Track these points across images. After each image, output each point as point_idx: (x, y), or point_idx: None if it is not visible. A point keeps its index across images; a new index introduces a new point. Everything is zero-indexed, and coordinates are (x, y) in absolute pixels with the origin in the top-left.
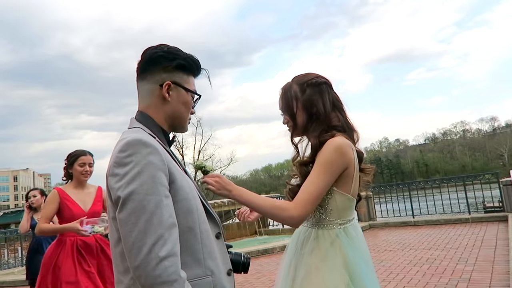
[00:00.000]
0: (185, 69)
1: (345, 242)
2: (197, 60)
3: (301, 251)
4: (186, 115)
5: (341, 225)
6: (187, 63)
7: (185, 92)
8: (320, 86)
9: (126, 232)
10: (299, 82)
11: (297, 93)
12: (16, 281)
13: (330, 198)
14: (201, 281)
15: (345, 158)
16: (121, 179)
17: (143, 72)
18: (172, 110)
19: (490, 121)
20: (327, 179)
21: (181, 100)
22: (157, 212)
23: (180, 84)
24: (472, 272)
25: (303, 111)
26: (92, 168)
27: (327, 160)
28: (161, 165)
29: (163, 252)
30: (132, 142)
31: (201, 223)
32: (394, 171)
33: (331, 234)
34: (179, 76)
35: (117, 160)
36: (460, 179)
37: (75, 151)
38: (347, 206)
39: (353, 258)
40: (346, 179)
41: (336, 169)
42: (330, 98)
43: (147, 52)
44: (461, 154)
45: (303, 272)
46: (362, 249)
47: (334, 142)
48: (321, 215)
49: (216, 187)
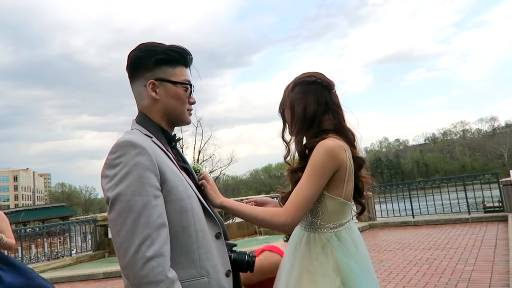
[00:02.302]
0: (168, 62)
1: (337, 246)
2: (180, 49)
3: (295, 254)
4: (181, 107)
5: (332, 229)
6: (167, 55)
7: (173, 85)
8: (309, 86)
9: (114, 232)
10: (294, 81)
11: (289, 91)
12: None
13: (320, 202)
14: (196, 282)
15: (335, 161)
16: (111, 181)
17: (131, 76)
18: (164, 107)
19: (490, 121)
20: (318, 182)
21: (171, 95)
22: (145, 212)
23: (164, 79)
24: (472, 272)
25: (289, 109)
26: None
27: (318, 163)
28: (149, 165)
29: (150, 252)
30: (121, 143)
31: (196, 223)
32: (394, 171)
33: (322, 238)
34: (163, 71)
35: (108, 161)
36: (460, 179)
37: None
38: (339, 210)
39: (345, 262)
40: (337, 183)
41: (327, 172)
42: (320, 99)
43: (129, 56)
44: (461, 154)
45: (295, 276)
46: (356, 253)
47: (324, 144)
48: (313, 219)
49: (209, 188)
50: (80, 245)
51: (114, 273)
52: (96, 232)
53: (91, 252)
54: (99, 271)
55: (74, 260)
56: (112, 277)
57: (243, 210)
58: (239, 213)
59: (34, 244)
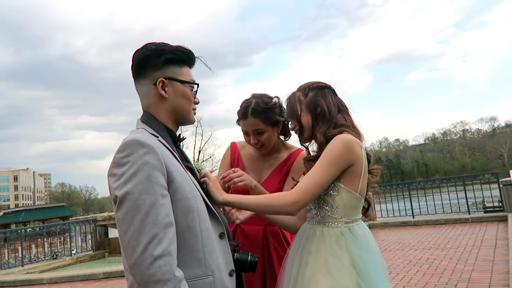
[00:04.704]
0: (175, 62)
1: (351, 240)
2: (186, 50)
3: (306, 249)
4: (188, 106)
5: (346, 223)
6: (176, 55)
7: (181, 84)
8: (323, 90)
9: (122, 231)
10: (301, 88)
11: (300, 97)
12: (16, 281)
13: (336, 195)
14: (201, 281)
15: (351, 154)
16: (119, 179)
17: (137, 75)
18: (172, 106)
19: (490, 121)
20: (330, 170)
21: (179, 93)
22: (152, 211)
23: (174, 78)
24: (472, 272)
25: (307, 112)
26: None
27: (332, 152)
28: (157, 165)
29: (157, 251)
30: (129, 142)
31: (201, 222)
32: (394, 171)
33: (336, 232)
34: (171, 70)
35: (115, 160)
36: (460, 179)
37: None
38: (354, 204)
39: (361, 256)
40: (353, 177)
41: (340, 163)
42: (334, 101)
43: (135, 55)
44: (461, 154)
45: (310, 272)
46: (370, 248)
47: (341, 137)
48: (327, 212)
49: (211, 185)
50: (80, 245)
51: (114, 273)
52: (96, 232)
53: (91, 252)
54: (99, 271)
55: (74, 260)
56: (112, 277)
57: (247, 201)
58: (243, 205)
59: (34, 244)
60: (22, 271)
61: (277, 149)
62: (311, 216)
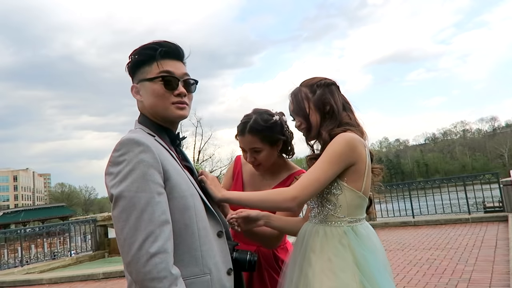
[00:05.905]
0: (144, 62)
1: (354, 240)
2: (153, 45)
3: (308, 248)
4: (161, 103)
5: (350, 223)
6: (141, 55)
7: (149, 82)
8: (330, 87)
9: (118, 229)
10: (307, 84)
11: (308, 94)
12: (15, 281)
13: (340, 193)
14: (198, 280)
15: (353, 153)
16: (115, 178)
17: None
18: (148, 107)
19: (490, 121)
20: (331, 168)
21: (149, 92)
22: (148, 209)
23: (142, 79)
24: (472, 272)
25: (316, 111)
26: None
27: (334, 150)
28: (153, 163)
29: (153, 249)
30: (125, 141)
31: (199, 221)
32: (394, 171)
33: (339, 231)
34: (141, 72)
35: (112, 159)
36: (460, 179)
37: None
38: (358, 203)
39: (364, 256)
40: (357, 176)
41: (342, 161)
42: (340, 98)
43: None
44: (461, 154)
45: (312, 271)
46: (374, 247)
47: (345, 135)
48: (330, 211)
49: (209, 183)
50: (80, 245)
51: (114, 273)
52: (96, 232)
53: (91, 252)
54: (99, 271)
55: (74, 260)
56: (112, 277)
57: (246, 197)
58: (243, 201)
59: (34, 244)
60: (21, 271)
61: (277, 168)
62: (313, 215)
